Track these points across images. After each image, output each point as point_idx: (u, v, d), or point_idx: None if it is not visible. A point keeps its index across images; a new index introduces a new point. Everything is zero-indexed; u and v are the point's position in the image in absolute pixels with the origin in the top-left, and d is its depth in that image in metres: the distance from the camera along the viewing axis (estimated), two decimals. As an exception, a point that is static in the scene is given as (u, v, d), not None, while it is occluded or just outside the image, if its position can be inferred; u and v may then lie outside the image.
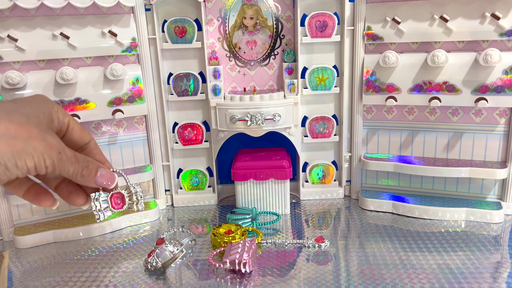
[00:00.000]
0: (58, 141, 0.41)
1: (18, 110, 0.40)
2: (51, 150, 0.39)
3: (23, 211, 0.83)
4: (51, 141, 0.40)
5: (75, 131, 0.46)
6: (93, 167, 0.45)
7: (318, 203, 0.92)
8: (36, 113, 0.41)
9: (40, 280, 0.67)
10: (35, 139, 0.38)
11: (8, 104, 0.40)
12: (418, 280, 0.62)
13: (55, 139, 0.41)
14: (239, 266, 0.63)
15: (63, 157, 0.41)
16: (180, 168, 0.94)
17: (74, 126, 0.46)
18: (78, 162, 0.43)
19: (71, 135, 0.46)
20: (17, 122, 0.38)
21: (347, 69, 0.87)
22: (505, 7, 0.74)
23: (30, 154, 0.38)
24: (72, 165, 0.42)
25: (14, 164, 0.37)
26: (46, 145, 0.39)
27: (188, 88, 0.88)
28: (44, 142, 0.39)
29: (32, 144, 0.38)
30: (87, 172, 0.44)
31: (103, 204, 0.48)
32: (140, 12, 0.82)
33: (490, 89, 0.77)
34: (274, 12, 0.88)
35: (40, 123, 0.41)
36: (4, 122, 0.37)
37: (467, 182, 0.85)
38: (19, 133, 0.38)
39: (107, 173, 0.46)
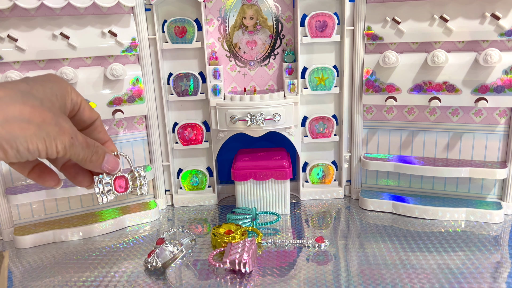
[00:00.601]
0: (70, 126, 0.41)
1: (32, 93, 0.39)
2: (63, 135, 0.39)
3: (23, 211, 0.83)
4: (64, 126, 0.40)
5: (85, 111, 0.46)
6: (101, 152, 0.46)
7: (318, 203, 0.92)
8: (49, 96, 0.41)
9: (40, 280, 0.67)
10: (49, 123, 0.38)
11: (22, 85, 0.39)
12: (418, 280, 0.62)
13: (68, 123, 0.41)
14: (239, 266, 0.63)
15: (75, 142, 0.41)
16: (180, 168, 0.94)
17: (85, 106, 0.46)
18: (88, 147, 0.43)
19: (82, 115, 0.46)
20: (31, 105, 0.38)
21: (347, 69, 0.87)
22: (505, 7, 0.74)
23: (43, 138, 0.38)
24: (82, 151, 0.42)
25: (26, 148, 0.37)
26: (59, 130, 0.39)
27: (188, 88, 0.88)
28: (58, 127, 0.39)
29: (46, 129, 0.38)
30: (96, 157, 0.45)
31: (106, 187, 0.48)
32: (140, 12, 0.82)
33: (490, 89, 0.77)
34: (274, 12, 0.88)
35: (53, 106, 0.41)
36: (19, 105, 0.37)
37: (467, 182, 0.85)
38: (33, 116, 0.37)
39: (112, 159, 0.47)
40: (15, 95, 0.38)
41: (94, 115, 0.47)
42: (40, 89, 0.40)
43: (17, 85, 0.39)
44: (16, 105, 0.37)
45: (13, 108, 0.36)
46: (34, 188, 0.79)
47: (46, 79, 0.42)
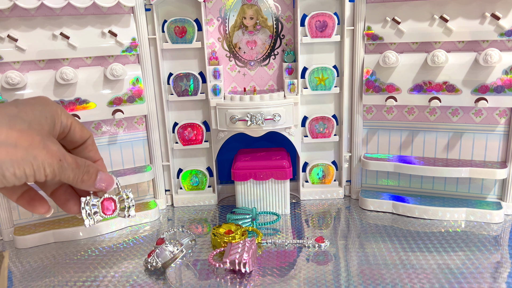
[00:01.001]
0: (59, 148, 0.40)
1: (20, 116, 0.39)
2: (52, 158, 0.39)
3: (23, 211, 0.82)
4: (52, 149, 0.39)
5: (76, 132, 0.45)
6: (93, 171, 0.44)
7: (318, 203, 0.92)
8: (38, 118, 0.40)
9: (40, 280, 0.67)
10: (36, 147, 0.38)
11: (10, 108, 0.39)
12: (418, 280, 0.62)
13: (56, 146, 0.40)
14: (239, 266, 0.63)
15: (64, 164, 0.40)
16: (180, 168, 0.94)
17: (75, 127, 0.45)
18: (78, 168, 0.42)
19: (73, 136, 0.45)
20: (18, 129, 0.37)
21: (347, 69, 0.87)
22: (505, 7, 0.74)
23: (30, 162, 0.37)
24: (72, 172, 0.41)
25: (12, 173, 0.36)
26: (47, 153, 0.38)
27: (188, 88, 0.88)
28: (45, 150, 0.38)
29: (33, 153, 0.37)
30: (87, 177, 0.44)
31: (93, 209, 0.47)
32: (140, 12, 0.82)
33: (490, 89, 0.77)
34: (274, 12, 0.88)
35: (42, 129, 0.40)
36: (5, 129, 0.37)
37: (467, 182, 0.85)
38: (20, 141, 0.37)
39: (106, 176, 0.46)
40: (2, 119, 0.37)
41: (85, 134, 0.46)
42: (29, 111, 0.40)
43: (5, 109, 0.39)
44: (2, 129, 0.36)
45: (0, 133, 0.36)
46: (34, 188, 0.79)
47: (36, 102, 0.42)
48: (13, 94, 0.75)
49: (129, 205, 0.49)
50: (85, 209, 0.46)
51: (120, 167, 0.88)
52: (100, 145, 0.86)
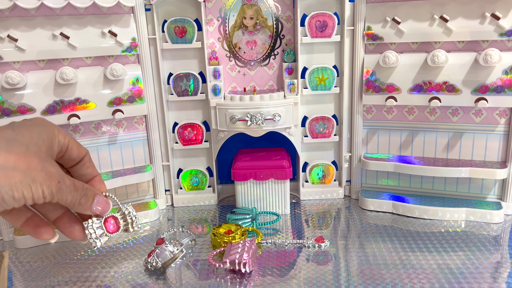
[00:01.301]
0: (57, 170, 0.40)
1: (17, 139, 0.39)
2: (50, 180, 0.39)
3: (23, 211, 0.82)
4: (51, 170, 0.39)
5: (73, 150, 0.46)
6: (90, 194, 0.44)
7: (318, 203, 0.92)
8: (35, 140, 0.40)
9: (40, 280, 0.67)
10: (34, 169, 0.38)
11: (7, 132, 0.39)
12: (418, 280, 0.62)
13: (54, 167, 0.40)
14: (239, 266, 0.63)
15: (62, 186, 0.40)
16: (180, 168, 0.94)
17: (72, 145, 0.45)
18: (76, 190, 0.42)
19: (70, 154, 0.46)
20: (15, 153, 0.37)
21: (347, 69, 0.87)
22: (505, 7, 0.74)
23: (28, 185, 0.37)
24: (70, 194, 0.41)
25: (11, 196, 0.36)
26: (45, 175, 0.38)
27: (188, 88, 0.88)
28: (44, 172, 0.38)
29: (31, 175, 0.37)
30: (85, 200, 0.44)
31: (98, 230, 0.47)
32: (140, 12, 0.82)
33: (490, 89, 0.77)
34: (274, 12, 0.88)
35: (40, 151, 0.40)
36: (3, 153, 0.37)
37: (467, 182, 0.85)
38: (18, 164, 0.37)
39: (102, 200, 0.46)
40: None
41: (82, 152, 0.46)
42: (26, 134, 0.40)
43: (2, 132, 0.39)
44: (0, 153, 0.37)
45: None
46: (34, 188, 0.79)
47: (33, 123, 0.42)
48: (13, 94, 0.75)
49: (131, 219, 0.50)
50: (89, 232, 0.47)
51: (120, 167, 0.88)
52: (100, 145, 0.86)
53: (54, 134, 0.43)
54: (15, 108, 0.75)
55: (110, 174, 0.85)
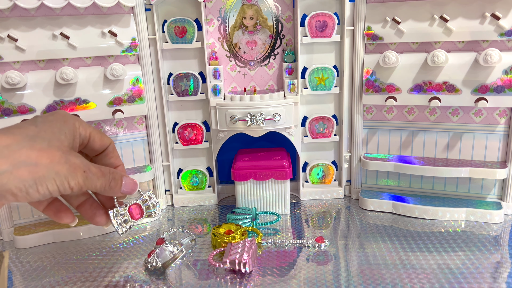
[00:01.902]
0: (81, 160, 0.42)
1: (39, 135, 0.40)
2: (75, 171, 0.40)
3: (23, 211, 0.83)
4: (75, 162, 0.41)
5: (96, 141, 0.47)
6: (118, 177, 0.46)
7: (318, 203, 0.92)
8: (57, 135, 0.41)
9: (40, 280, 0.67)
10: (58, 162, 0.39)
11: (30, 129, 0.40)
12: (418, 280, 0.62)
13: (78, 158, 0.41)
14: (239, 266, 0.63)
15: (89, 174, 0.42)
16: (180, 168, 0.94)
17: (95, 136, 0.47)
18: (104, 176, 0.44)
19: (93, 145, 0.47)
20: (38, 149, 0.39)
21: (347, 69, 0.87)
22: (505, 7, 0.74)
23: (52, 179, 0.38)
24: (99, 180, 0.43)
25: (35, 190, 0.38)
26: (69, 167, 0.40)
27: (188, 88, 0.88)
28: (67, 164, 0.40)
29: (55, 169, 0.39)
30: (114, 183, 0.46)
31: (123, 218, 0.50)
32: (140, 12, 0.82)
33: (490, 89, 0.77)
34: (274, 12, 0.88)
35: (62, 145, 0.41)
36: (26, 150, 0.38)
37: (467, 182, 0.85)
38: (40, 159, 0.38)
39: (130, 181, 0.48)
40: (22, 140, 0.38)
41: (105, 142, 0.48)
42: (48, 129, 0.41)
43: (26, 130, 0.40)
44: (22, 150, 0.38)
45: (20, 154, 0.37)
46: (34, 188, 0.79)
47: (55, 119, 0.43)
48: (13, 94, 0.75)
49: (153, 204, 0.52)
50: (115, 220, 0.50)
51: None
52: (100, 145, 0.86)
53: (75, 127, 0.44)
54: (15, 108, 0.75)
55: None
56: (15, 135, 0.39)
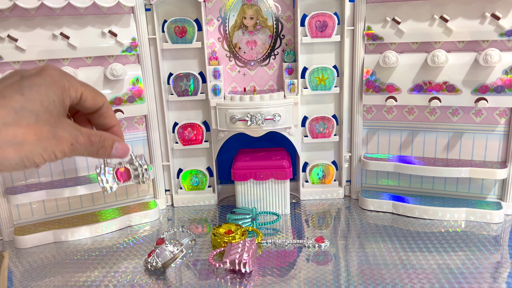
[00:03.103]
0: (70, 132, 0.42)
1: (26, 107, 0.39)
2: (62, 145, 0.40)
3: (23, 211, 0.83)
4: (63, 135, 0.40)
5: (88, 101, 0.46)
6: (109, 144, 0.46)
7: (318, 203, 0.92)
8: (45, 105, 0.40)
9: (40, 280, 0.67)
10: (45, 138, 0.39)
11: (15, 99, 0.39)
12: (418, 280, 0.62)
13: (66, 131, 0.41)
14: (239, 266, 0.63)
15: (76, 147, 0.42)
16: (180, 168, 0.94)
17: (87, 96, 0.46)
18: (92, 145, 0.44)
19: (84, 104, 0.46)
20: (24, 125, 0.38)
21: (347, 69, 0.87)
22: (505, 7, 0.74)
23: (39, 154, 0.39)
24: (86, 149, 0.43)
25: (22, 165, 0.38)
26: (57, 142, 0.40)
27: (188, 88, 0.88)
28: (55, 139, 0.40)
29: (42, 145, 0.39)
30: (102, 151, 0.45)
31: (109, 177, 0.50)
32: (140, 12, 0.82)
33: (490, 89, 0.77)
34: (274, 12, 0.88)
35: (51, 116, 0.40)
36: (12, 128, 0.37)
37: (467, 182, 0.85)
38: (27, 137, 0.38)
39: (120, 146, 0.48)
40: (7, 116, 0.37)
41: (98, 102, 0.47)
42: (36, 98, 0.40)
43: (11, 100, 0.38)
44: (8, 128, 0.37)
45: (6, 133, 0.37)
46: (34, 188, 0.79)
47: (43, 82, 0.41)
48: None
49: (142, 172, 0.52)
50: (101, 179, 0.50)
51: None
52: (100, 145, 0.86)
53: (65, 89, 0.43)
54: (15, 108, 0.75)
55: (110, 174, 0.85)
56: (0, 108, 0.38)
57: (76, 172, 0.85)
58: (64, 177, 0.84)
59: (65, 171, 0.84)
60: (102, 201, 0.89)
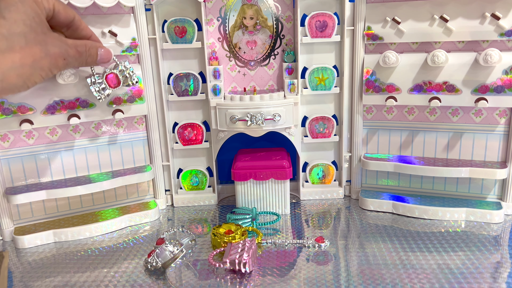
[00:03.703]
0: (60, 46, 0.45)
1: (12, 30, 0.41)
2: (56, 62, 0.43)
3: (23, 211, 0.83)
4: (54, 52, 0.43)
5: (60, 13, 0.48)
6: (94, 52, 0.50)
7: (318, 203, 0.92)
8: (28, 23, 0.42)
9: (40, 280, 0.67)
10: (39, 59, 0.42)
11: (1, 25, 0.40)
12: (418, 280, 0.62)
13: (56, 46, 0.44)
14: (239, 266, 0.63)
15: (68, 60, 0.45)
16: (180, 168, 0.94)
17: (59, 8, 0.48)
18: (81, 56, 0.47)
19: (58, 17, 0.48)
20: (18, 49, 0.40)
21: (347, 69, 0.87)
22: (505, 7, 0.74)
23: (38, 74, 0.42)
24: (77, 61, 0.47)
25: (26, 87, 0.42)
26: (51, 59, 0.43)
27: (188, 88, 0.88)
28: (49, 57, 0.42)
29: (38, 65, 0.42)
30: (90, 59, 0.49)
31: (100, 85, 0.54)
32: (140, 12, 0.82)
33: (490, 89, 0.77)
34: (274, 12, 0.88)
35: (37, 34, 0.43)
36: (8, 55, 0.40)
37: (467, 182, 0.85)
38: (24, 60, 0.41)
39: (104, 52, 0.52)
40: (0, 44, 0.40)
41: (69, 14, 0.50)
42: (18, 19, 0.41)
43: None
44: (5, 55, 0.40)
45: (5, 61, 0.40)
46: (34, 188, 0.79)
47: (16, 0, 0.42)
48: (14, 94, 0.75)
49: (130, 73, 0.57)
50: (93, 87, 0.54)
51: (120, 167, 0.88)
52: (100, 145, 0.86)
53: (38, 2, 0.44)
54: (15, 108, 0.75)
55: (110, 174, 0.85)
56: None
57: (76, 172, 0.85)
58: (64, 177, 0.84)
59: (65, 171, 0.84)
60: (102, 201, 0.89)
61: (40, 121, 0.77)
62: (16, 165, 0.80)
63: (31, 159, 0.81)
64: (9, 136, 0.79)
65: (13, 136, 0.79)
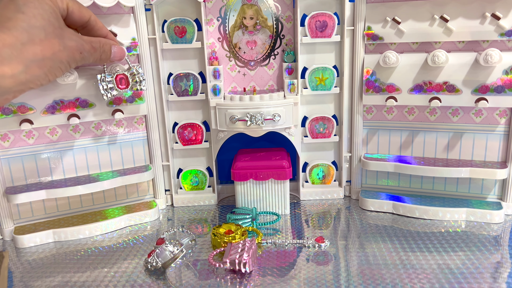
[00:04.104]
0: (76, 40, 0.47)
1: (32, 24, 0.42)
2: (73, 55, 0.45)
3: (23, 211, 0.83)
4: (71, 46, 0.45)
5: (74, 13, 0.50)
6: (108, 48, 0.51)
7: (318, 203, 0.92)
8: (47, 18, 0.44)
9: (40, 280, 0.67)
10: (58, 51, 0.43)
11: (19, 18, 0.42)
12: (418, 280, 0.62)
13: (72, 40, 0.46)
14: (239, 266, 0.63)
15: (84, 54, 0.47)
16: (180, 168, 0.94)
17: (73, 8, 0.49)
18: (96, 51, 0.49)
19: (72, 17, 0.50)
20: (39, 41, 0.42)
21: (347, 69, 0.87)
22: (505, 7, 0.74)
23: (58, 67, 0.43)
24: (92, 56, 0.48)
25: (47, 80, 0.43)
26: (68, 53, 0.44)
27: (188, 88, 0.88)
28: (66, 50, 0.44)
29: (58, 58, 0.43)
30: (104, 55, 0.51)
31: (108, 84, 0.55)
32: (140, 12, 0.82)
33: (490, 89, 0.77)
34: (274, 12, 0.88)
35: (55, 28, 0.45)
36: (30, 47, 0.41)
37: (467, 182, 0.85)
38: (45, 52, 0.42)
39: (117, 50, 0.54)
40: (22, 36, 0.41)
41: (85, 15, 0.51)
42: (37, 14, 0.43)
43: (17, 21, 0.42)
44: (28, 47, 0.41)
45: (27, 52, 0.41)
46: (34, 188, 0.79)
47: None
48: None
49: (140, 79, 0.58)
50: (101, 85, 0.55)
51: (120, 167, 0.88)
52: (100, 145, 0.86)
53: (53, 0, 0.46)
54: (15, 108, 0.75)
55: (110, 174, 0.85)
56: (11, 30, 0.41)
57: (76, 172, 0.85)
58: (64, 177, 0.84)
59: (65, 171, 0.84)
60: (102, 201, 0.89)
61: (40, 121, 0.77)
62: (16, 165, 0.80)
63: (31, 159, 0.81)
64: (9, 136, 0.79)
65: (13, 135, 0.79)
